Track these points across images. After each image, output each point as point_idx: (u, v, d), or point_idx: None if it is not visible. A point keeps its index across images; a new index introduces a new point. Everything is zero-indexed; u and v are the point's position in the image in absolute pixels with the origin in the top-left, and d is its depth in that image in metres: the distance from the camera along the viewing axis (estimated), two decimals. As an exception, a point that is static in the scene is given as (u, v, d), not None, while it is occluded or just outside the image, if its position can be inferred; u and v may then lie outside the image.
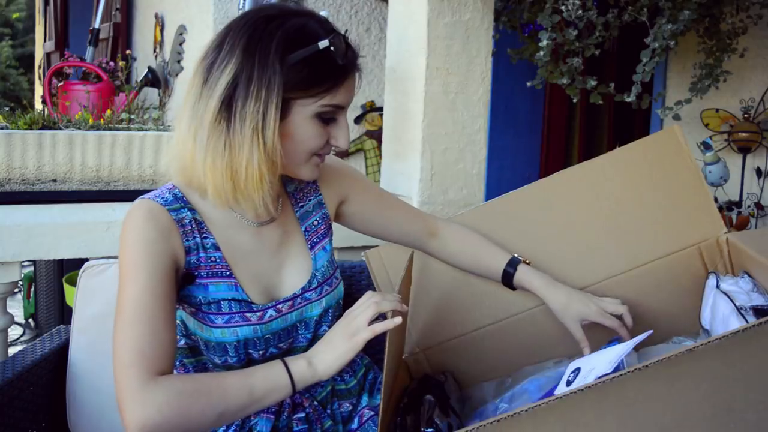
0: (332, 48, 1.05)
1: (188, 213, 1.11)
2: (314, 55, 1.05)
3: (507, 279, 1.38)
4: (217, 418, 1.01)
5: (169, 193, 1.12)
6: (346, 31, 1.12)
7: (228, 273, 1.13)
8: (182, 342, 1.20)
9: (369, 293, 1.09)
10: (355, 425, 1.26)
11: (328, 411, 1.25)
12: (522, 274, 1.37)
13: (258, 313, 1.14)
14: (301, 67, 1.04)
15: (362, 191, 1.35)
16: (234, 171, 1.05)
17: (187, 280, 1.11)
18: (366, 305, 1.08)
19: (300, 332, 1.20)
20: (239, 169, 1.05)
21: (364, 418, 1.25)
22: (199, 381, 1.02)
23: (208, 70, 1.06)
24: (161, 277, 1.04)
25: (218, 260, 1.12)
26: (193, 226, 1.11)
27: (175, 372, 1.09)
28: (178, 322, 1.16)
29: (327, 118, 1.09)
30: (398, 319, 1.06)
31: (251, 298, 1.14)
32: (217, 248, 1.13)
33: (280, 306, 1.16)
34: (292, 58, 1.04)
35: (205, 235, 1.12)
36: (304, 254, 1.22)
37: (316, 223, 1.26)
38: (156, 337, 1.01)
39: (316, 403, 1.23)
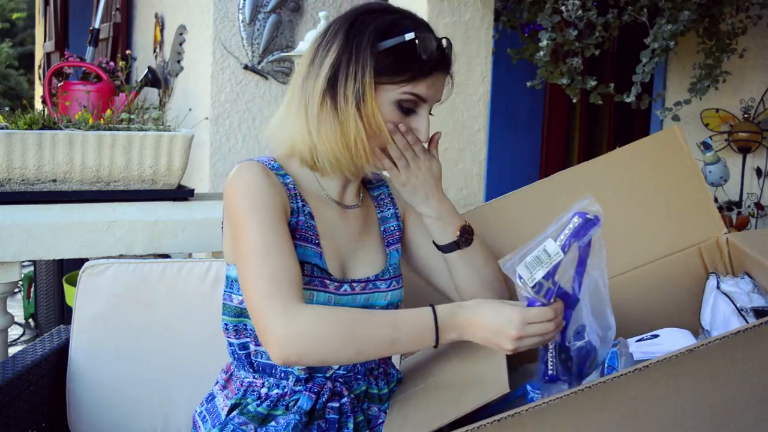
0: (417, 41, 1.15)
1: (291, 180, 1.22)
2: (400, 45, 1.16)
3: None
4: (356, 352, 1.06)
5: (273, 161, 1.23)
6: (447, 38, 1.24)
7: (317, 242, 1.20)
8: None
9: (554, 324, 1.07)
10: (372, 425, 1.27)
11: (361, 406, 1.26)
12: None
13: (335, 284, 1.20)
14: (388, 55, 1.16)
15: (415, 217, 1.38)
16: (346, 144, 1.17)
17: None
18: (545, 338, 1.07)
19: None
20: (349, 143, 1.17)
21: (379, 421, 1.26)
22: (342, 311, 1.10)
23: (315, 51, 1.20)
24: (281, 218, 1.14)
25: (311, 228, 1.21)
26: (296, 191, 1.21)
27: (233, 336, 1.22)
28: None
29: (407, 108, 1.19)
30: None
31: (329, 270, 1.20)
32: (312, 217, 1.22)
33: (354, 284, 1.23)
34: (381, 45, 1.15)
35: (303, 203, 1.22)
36: (380, 248, 1.31)
37: (392, 228, 1.35)
38: (289, 269, 1.09)
39: (353, 395, 1.24)
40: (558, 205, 1.51)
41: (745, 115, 3.12)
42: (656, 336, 1.39)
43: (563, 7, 2.20)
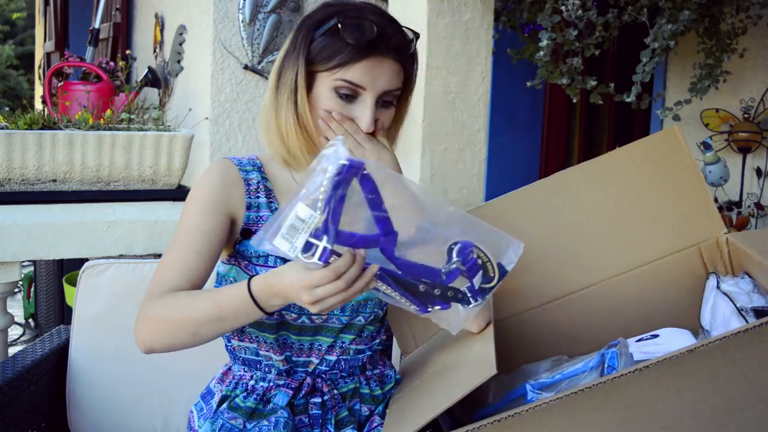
0: (339, 26, 1.15)
1: (258, 176, 1.24)
2: (329, 31, 1.16)
3: None
4: (192, 334, 1.09)
5: (248, 159, 1.27)
6: (407, 28, 1.23)
7: None
8: None
9: (343, 281, 0.97)
10: (365, 430, 1.27)
11: (347, 404, 1.26)
12: None
13: None
14: (320, 42, 1.17)
15: None
16: (282, 134, 1.21)
17: (245, 235, 1.21)
18: (346, 295, 0.98)
19: (334, 311, 1.22)
20: (283, 131, 1.20)
21: (375, 425, 1.25)
22: (178, 296, 1.12)
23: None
24: (210, 217, 1.17)
25: None
26: (260, 187, 1.23)
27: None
28: (230, 279, 1.24)
29: (344, 94, 1.17)
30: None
31: None
32: None
33: None
34: (316, 34, 1.17)
35: (272, 200, 1.24)
36: None
37: None
38: (181, 264, 1.14)
39: (336, 392, 1.25)
40: (558, 205, 1.51)
41: (745, 115, 3.12)
42: (656, 336, 1.39)
43: (563, 7, 2.20)
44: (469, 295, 1.06)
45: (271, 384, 1.23)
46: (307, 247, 0.96)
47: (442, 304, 1.05)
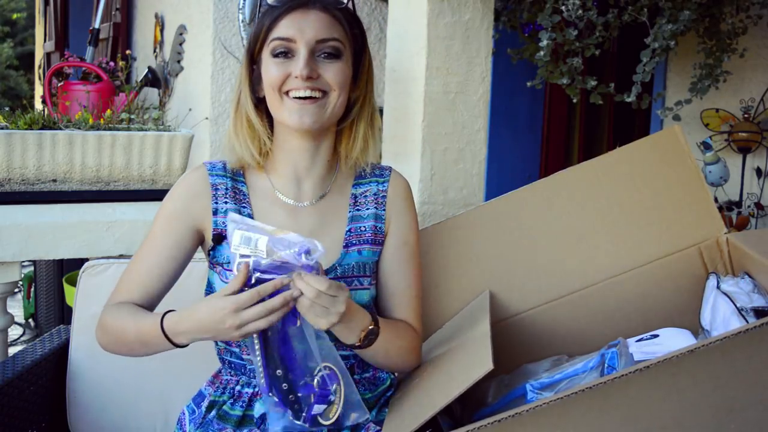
0: None
1: (229, 182, 1.26)
2: (259, 6, 1.21)
3: None
4: (128, 350, 1.20)
5: (223, 164, 1.29)
6: None
7: None
8: None
9: (263, 307, 1.04)
10: None
11: None
12: None
13: None
14: (256, 22, 1.21)
15: (392, 240, 1.30)
16: (246, 134, 1.24)
17: (216, 240, 1.23)
18: (262, 312, 1.04)
19: None
20: (247, 129, 1.23)
21: (369, 430, 1.24)
22: (120, 312, 1.19)
23: None
24: (170, 231, 1.22)
25: None
26: (229, 193, 1.25)
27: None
28: (212, 284, 1.27)
29: (280, 53, 1.18)
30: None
31: None
32: (252, 216, 1.24)
33: None
34: (254, 23, 1.22)
35: (244, 205, 1.25)
36: (334, 248, 1.24)
37: (363, 229, 1.28)
38: (137, 278, 1.21)
39: None
40: (558, 205, 1.51)
41: (745, 115, 3.12)
42: (656, 336, 1.39)
43: (563, 7, 2.20)
44: (303, 414, 1.09)
45: (256, 390, 1.23)
46: (244, 256, 1.04)
47: (281, 401, 1.09)
